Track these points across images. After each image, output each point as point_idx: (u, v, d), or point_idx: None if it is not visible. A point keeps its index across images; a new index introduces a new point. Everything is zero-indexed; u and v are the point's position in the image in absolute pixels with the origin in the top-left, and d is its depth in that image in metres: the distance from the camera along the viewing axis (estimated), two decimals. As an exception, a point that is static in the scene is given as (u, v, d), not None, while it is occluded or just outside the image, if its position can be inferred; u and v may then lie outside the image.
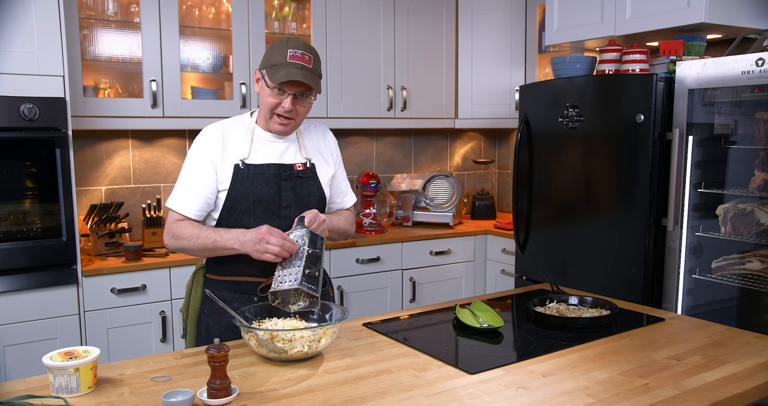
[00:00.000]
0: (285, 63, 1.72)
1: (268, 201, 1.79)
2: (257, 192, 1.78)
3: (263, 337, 1.57)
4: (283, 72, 1.71)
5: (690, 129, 2.54)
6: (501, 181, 4.44)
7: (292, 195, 1.82)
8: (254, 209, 1.78)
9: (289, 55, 1.72)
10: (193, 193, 1.78)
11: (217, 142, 1.80)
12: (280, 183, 1.81)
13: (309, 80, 1.72)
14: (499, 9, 3.81)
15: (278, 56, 1.73)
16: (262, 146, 1.84)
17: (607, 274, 2.83)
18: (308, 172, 1.86)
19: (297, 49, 1.74)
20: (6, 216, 2.48)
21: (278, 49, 1.75)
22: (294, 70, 1.71)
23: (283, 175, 1.81)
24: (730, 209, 2.51)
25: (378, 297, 3.41)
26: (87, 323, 2.65)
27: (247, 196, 1.78)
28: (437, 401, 1.37)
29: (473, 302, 2.03)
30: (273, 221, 1.78)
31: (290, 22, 3.42)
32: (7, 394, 1.39)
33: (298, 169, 1.84)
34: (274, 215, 1.80)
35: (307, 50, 1.76)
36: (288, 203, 1.81)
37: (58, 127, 2.52)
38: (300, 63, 1.72)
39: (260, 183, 1.79)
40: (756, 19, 2.74)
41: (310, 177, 1.86)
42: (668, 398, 1.37)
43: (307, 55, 1.75)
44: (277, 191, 1.80)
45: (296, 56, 1.72)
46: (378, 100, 3.63)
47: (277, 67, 1.73)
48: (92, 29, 2.96)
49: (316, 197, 1.87)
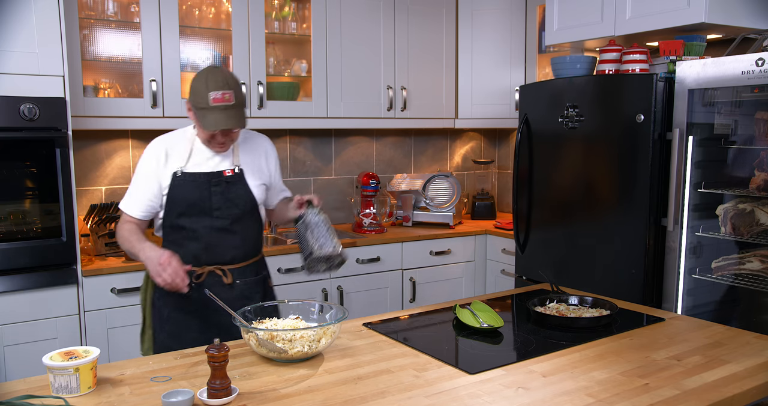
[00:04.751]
0: (209, 108, 1.87)
1: (200, 204, 2.02)
2: (190, 196, 2.01)
3: (263, 337, 1.58)
4: (210, 119, 1.88)
5: (690, 129, 2.54)
6: (501, 181, 4.44)
7: (221, 198, 2.04)
8: (188, 211, 2.02)
9: (211, 99, 1.86)
10: (138, 198, 2.05)
11: (161, 155, 2.04)
12: (210, 189, 2.03)
13: (235, 123, 1.90)
14: (499, 9, 3.81)
15: (201, 100, 1.88)
16: (200, 156, 2.05)
17: (607, 274, 2.83)
18: (236, 177, 2.06)
19: (217, 89, 1.86)
20: (6, 216, 2.48)
21: (200, 90, 1.88)
22: (219, 116, 1.87)
23: (213, 182, 2.03)
24: (730, 208, 2.51)
25: (378, 297, 3.41)
26: (87, 323, 2.65)
27: (182, 200, 2.02)
28: (437, 401, 1.37)
29: (473, 302, 2.04)
30: (206, 221, 2.03)
31: (290, 22, 3.42)
32: (7, 394, 1.39)
33: (228, 174, 2.05)
34: (207, 215, 2.03)
35: (227, 86, 1.88)
36: (218, 206, 2.03)
37: (58, 127, 2.52)
38: (223, 104, 1.87)
39: (193, 189, 2.02)
40: (756, 19, 2.74)
41: (238, 182, 2.07)
42: (668, 398, 1.37)
43: (228, 93, 1.87)
44: (208, 196, 2.02)
45: (218, 98, 1.86)
46: (378, 100, 3.63)
47: (203, 111, 1.89)
48: (92, 29, 2.95)
49: (244, 199, 2.07)
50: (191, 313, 2.06)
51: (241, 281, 2.09)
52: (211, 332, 1.98)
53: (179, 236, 2.04)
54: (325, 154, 3.87)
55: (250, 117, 3.23)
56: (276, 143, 3.65)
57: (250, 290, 2.11)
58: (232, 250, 2.06)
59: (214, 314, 2.00)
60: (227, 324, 1.94)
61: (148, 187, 2.04)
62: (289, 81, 3.46)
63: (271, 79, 3.37)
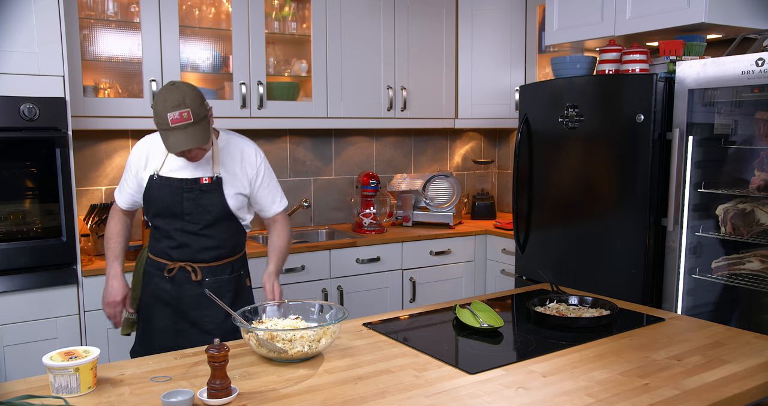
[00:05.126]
0: (170, 128, 1.87)
1: (172, 208, 2.07)
2: (163, 200, 2.07)
3: (263, 337, 1.58)
4: (171, 140, 1.89)
5: (690, 129, 2.54)
6: (501, 181, 4.44)
7: (193, 204, 2.06)
8: (161, 213, 2.09)
9: (170, 120, 1.86)
10: (124, 191, 2.19)
11: (142, 155, 2.11)
12: (183, 194, 2.06)
13: (195, 142, 1.89)
14: (499, 9, 3.81)
15: (162, 121, 1.87)
16: (177, 161, 2.07)
17: (607, 274, 2.83)
18: (213, 185, 2.07)
19: (175, 109, 1.85)
20: (6, 216, 2.48)
21: (160, 111, 1.87)
22: (179, 137, 1.87)
23: (186, 188, 2.06)
24: (730, 208, 2.51)
25: (378, 297, 3.41)
26: (87, 323, 2.65)
27: (156, 203, 2.08)
28: (437, 401, 1.37)
29: (473, 302, 2.04)
30: (177, 223, 2.08)
31: (290, 22, 3.42)
32: (7, 394, 1.39)
33: (204, 182, 2.06)
34: (178, 219, 2.08)
35: (183, 104, 1.86)
36: (190, 211, 2.07)
37: (58, 127, 2.52)
38: (183, 124, 1.86)
39: (165, 193, 2.06)
40: (756, 19, 2.74)
41: (214, 190, 2.07)
42: (668, 398, 1.37)
43: (185, 111, 1.86)
44: (180, 201, 2.06)
45: (176, 119, 1.86)
46: (378, 100, 3.63)
47: (165, 133, 1.89)
48: (92, 29, 2.95)
49: (218, 207, 2.08)
50: (167, 303, 2.14)
51: (212, 278, 2.12)
52: (182, 324, 2.13)
53: (156, 233, 2.14)
54: (325, 154, 3.87)
55: (250, 117, 3.23)
56: (276, 143, 3.68)
57: (220, 289, 2.12)
58: (205, 251, 2.11)
59: (186, 307, 2.12)
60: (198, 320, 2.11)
61: (130, 182, 2.15)
62: (289, 81, 3.46)
63: (271, 79, 3.37)
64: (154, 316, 2.15)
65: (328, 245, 3.25)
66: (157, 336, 2.14)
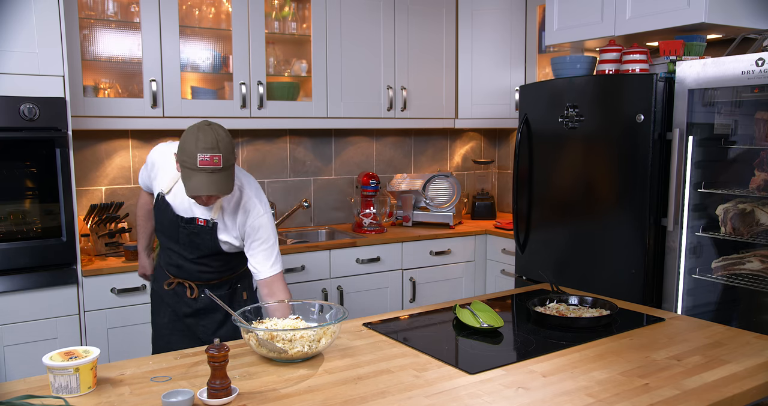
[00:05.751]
0: (196, 169, 1.78)
1: (169, 232, 2.08)
2: (163, 221, 2.08)
3: (263, 337, 1.58)
4: (194, 182, 1.79)
5: (690, 129, 2.54)
6: (501, 181, 4.44)
7: (187, 239, 2.04)
8: (163, 231, 2.11)
9: (199, 160, 1.77)
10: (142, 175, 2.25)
11: (158, 163, 2.12)
12: (179, 226, 2.04)
13: (219, 190, 1.81)
14: (499, 9, 3.81)
15: (189, 160, 1.78)
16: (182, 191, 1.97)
17: (607, 274, 2.83)
18: (206, 228, 2.01)
19: (206, 151, 1.76)
20: (6, 216, 2.48)
21: (189, 148, 1.78)
22: (204, 180, 1.78)
23: (182, 224, 2.03)
24: (730, 208, 2.51)
25: (378, 297, 3.41)
26: (87, 323, 2.65)
27: (158, 221, 2.12)
28: (437, 401, 1.37)
29: (473, 302, 2.04)
30: (175, 247, 2.08)
31: (290, 22, 3.42)
32: (7, 394, 1.39)
33: (199, 223, 2.01)
34: (174, 241, 2.08)
35: (216, 149, 1.78)
36: (184, 242, 2.05)
37: (58, 127, 2.52)
38: (210, 167, 1.77)
39: (166, 217, 2.06)
40: (756, 19, 2.74)
41: (207, 232, 2.01)
42: (668, 398, 1.37)
43: (216, 156, 1.77)
44: (176, 230, 2.05)
45: (205, 161, 1.76)
46: (378, 100, 3.63)
47: (190, 172, 1.79)
48: (92, 29, 2.95)
49: (209, 247, 2.04)
50: (166, 301, 2.19)
51: (206, 296, 2.08)
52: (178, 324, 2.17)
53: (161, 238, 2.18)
54: (325, 154, 3.87)
55: (250, 117, 3.23)
56: (276, 143, 3.68)
57: (214, 303, 2.05)
58: (201, 273, 2.11)
59: (183, 314, 2.16)
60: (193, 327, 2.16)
61: (144, 173, 2.23)
62: (289, 81, 3.46)
63: (271, 79, 3.37)
64: (156, 311, 2.25)
65: (328, 245, 3.25)
66: (156, 331, 2.24)
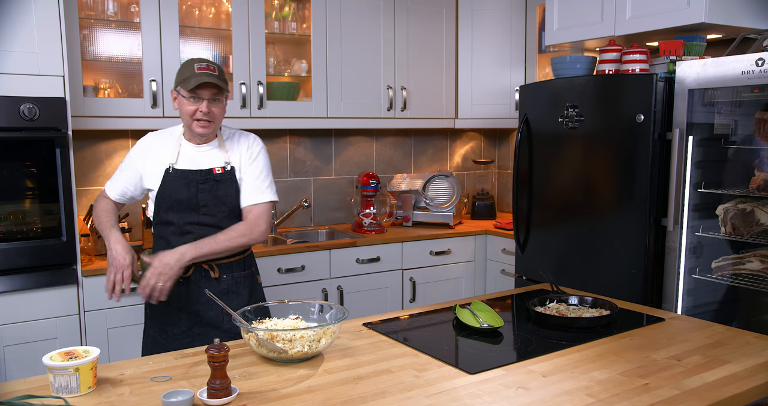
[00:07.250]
0: (194, 74, 2.00)
1: (186, 201, 2.07)
2: (177, 193, 2.07)
3: (263, 337, 1.58)
4: (193, 80, 1.99)
5: (690, 129, 2.54)
6: (501, 181, 4.44)
7: (209, 196, 2.08)
8: (176, 206, 2.08)
9: (196, 68, 2.01)
10: (118, 182, 2.19)
11: (149, 150, 2.14)
12: (198, 186, 2.07)
13: (217, 81, 2.00)
14: (498, 9, 3.81)
15: (187, 71, 2.02)
16: (188, 154, 2.12)
17: (607, 274, 2.83)
18: (226, 175, 2.10)
19: (202, 63, 2.03)
20: (6, 216, 2.48)
21: (186, 67, 2.04)
22: (203, 77, 1.99)
23: (200, 180, 2.07)
24: (730, 208, 2.51)
25: (378, 297, 3.41)
26: (87, 323, 2.65)
27: (169, 196, 2.08)
28: (437, 401, 1.37)
29: (473, 302, 2.03)
30: (193, 217, 2.07)
31: (290, 22, 3.42)
32: (7, 394, 1.39)
33: (217, 172, 2.09)
34: (194, 212, 2.08)
35: (212, 64, 2.05)
36: (205, 203, 2.08)
37: (58, 127, 2.52)
38: (207, 72, 2.01)
39: (181, 186, 2.07)
40: (756, 19, 2.74)
41: (228, 179, 2.09)
42: (668, 398, 1.37)
43: (212, 66, 2.04)
44: (195, 193, 2.07)
45: (203, 68, 2.01)
46: (378, 100, 3.63)
47: (188, 78, 2.00)
48: (92, 29, 2.95)
49: (233, 197, 2.10)
50: (179, 309, 2.09)
51: (228, 275, 2.11)
52: (199, 327, 2.07)
53: (168, 232, 2.10)
54: (325, 154, 3.87)
55: (250, 117, 3.23)
56: (276, 143, 3.68)
57: (237, 285, 2.13)
58: None
59: (203, 308, 2.08)
60: (217, 320, 2.07)
61: (128, 174, 2.16)
62: (289, 81, 3.46)
63: (271, 79, 3.37)
64: (167, 323, 2.11)
65: (328, 245, 3.25)
66: (172, 344, 2.06)
